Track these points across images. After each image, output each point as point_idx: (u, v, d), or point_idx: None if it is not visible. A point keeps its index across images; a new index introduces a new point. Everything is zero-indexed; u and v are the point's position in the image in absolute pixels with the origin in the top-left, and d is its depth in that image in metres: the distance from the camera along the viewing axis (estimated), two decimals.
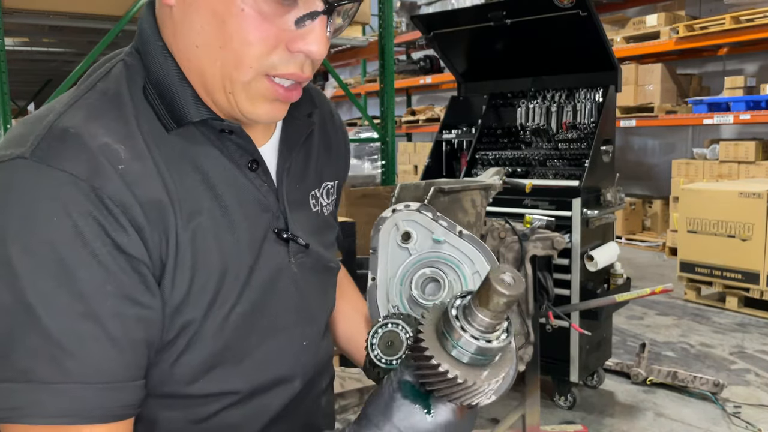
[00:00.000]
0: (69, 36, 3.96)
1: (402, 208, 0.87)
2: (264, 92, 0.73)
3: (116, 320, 0.65)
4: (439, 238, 0.85)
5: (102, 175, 0.66)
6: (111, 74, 0.75)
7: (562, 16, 2.81)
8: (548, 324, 2.64)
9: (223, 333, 0.75)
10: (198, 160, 0.75)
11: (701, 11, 6.74)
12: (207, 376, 0.75)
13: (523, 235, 2.52)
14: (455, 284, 0.83)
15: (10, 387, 0.62)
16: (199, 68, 0.73)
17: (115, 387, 0.65)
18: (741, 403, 2.99)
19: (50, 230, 0.63)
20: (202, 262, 0.72)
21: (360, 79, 10.17)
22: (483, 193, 2.52)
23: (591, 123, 3.00)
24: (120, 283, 0.65)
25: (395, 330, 0.79)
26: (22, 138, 0.67)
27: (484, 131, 3.35)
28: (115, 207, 0.65)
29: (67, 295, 0.62)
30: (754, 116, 5.46)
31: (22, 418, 0.61)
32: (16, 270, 0.62)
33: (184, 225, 0.71)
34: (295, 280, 0.84)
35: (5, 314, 0.62)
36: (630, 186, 7.33)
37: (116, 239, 0.65)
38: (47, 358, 0.62)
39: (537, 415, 2.33)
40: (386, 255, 0.86)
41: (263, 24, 0.68)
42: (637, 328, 4.17)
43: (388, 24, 3.88)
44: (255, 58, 0.70)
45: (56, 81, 6.02)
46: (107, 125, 0.69)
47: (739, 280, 4.36)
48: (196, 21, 0.70)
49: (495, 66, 3.35)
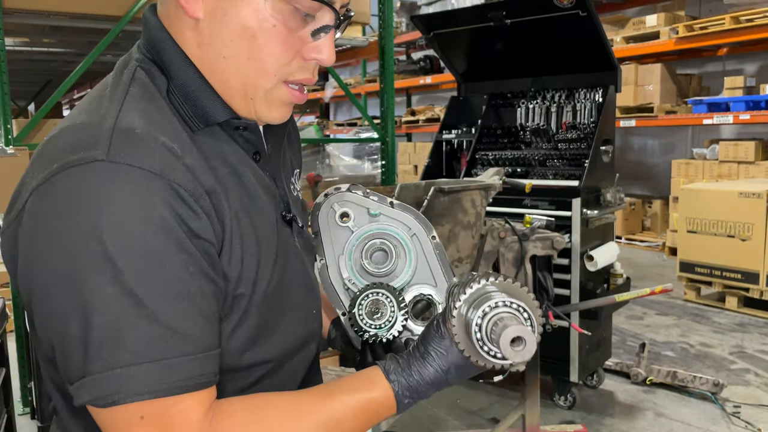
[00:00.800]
0: (69, 36, 3.97)
1: (333, 191, 0.95)
2: (282, 97, 0.83)
3: (202, 297, 0.73)
4: (375, 212, 0.93)
5: (173, 168, 0.72)
6: (137, 79, 0.81)
7: (562, 16, 2.81)
8: (548, 324, 2.64)
9: (262, 307, 0.82)
10: (224, 154, 0.82)
11: (701, 11, 6.74)
12: (252, 347, 0.83)
13: (523, 235, 2.53)
14: (398, 249, 0.92)
15: (125, 371, 0.67)
16: (224, 76, 0.80)
17: (210, 356, 0.73)
18: (741, 402, 3.00)
19: (140, 224, 0.69)
20: (246, 244, 0.80)
21: (360, 79, 10.17)
22: (483, 193, 2.52)
23: (591, 123, 3.00)
24: (198, 265, 0.73)
25: (378, 297, 0.87)
26: (87, 142, 0.72)
27: (484, 131, 3.35)
28: (189, 196, 0.73)
29: (163, 281, 0.70)
30: (753, 116, 5.47)
31: (140, 395, 0.68)
32: (117, 264, 0.68)
33: (230, 210, 0.78)
34: (300, 257, 0.92)
35: (112, 305, 0.68)
36: (630, 186, 7.33)
37: (192, 226, 0.72)
38: (156, 339, 0.68)
39: (537, 415, 2.33)
40: (329, 236, 0.94)
41: (288, 37, 0.78)
42: (636, 327, 4.18)
43: (388, 24, 3.88)
44: (279, 67, 0.80)
45: (56, 81, 6.03)
46: (159, 126, 0.76)
47: (738, 280, 4.37)
48: (226, 35, 0.78)
49: (495, 66, 3.35)
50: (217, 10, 0.77)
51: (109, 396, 0.67)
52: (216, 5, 0.77)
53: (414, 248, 0.93)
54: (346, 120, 11.55)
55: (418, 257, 0.94)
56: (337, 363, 2.50)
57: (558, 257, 2.60)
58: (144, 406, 0.68)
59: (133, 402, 0.68)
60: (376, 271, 0.91)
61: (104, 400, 0.68)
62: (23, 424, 2.97)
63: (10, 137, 2.93)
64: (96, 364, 0.68)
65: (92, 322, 0.68)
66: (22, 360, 3.10)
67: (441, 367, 0.80)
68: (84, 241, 0.68)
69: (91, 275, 0.68)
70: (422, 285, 0.93)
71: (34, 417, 2.94)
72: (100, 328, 0.68)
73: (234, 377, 0.83)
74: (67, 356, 0.70)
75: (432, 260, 0.94)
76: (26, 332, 2.71)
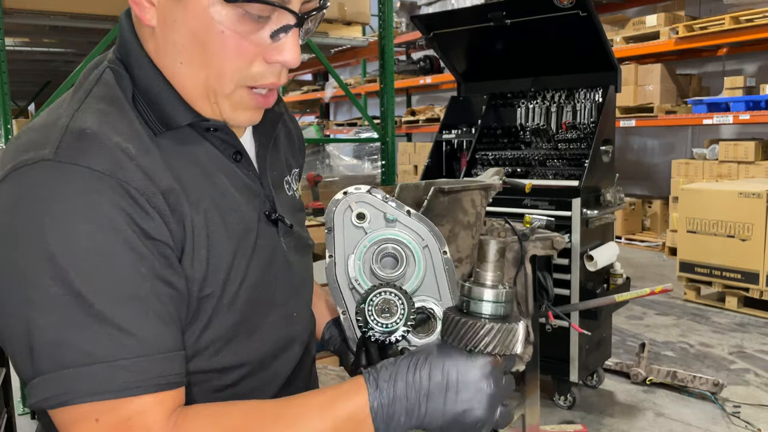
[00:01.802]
0: (69, 36, 3.96)
1: (353, 190, 0.94)
2: (245, 101, 0.81)
3: (155, 298, 0.71)
4: (391, 217, 0.93)
5: (124, 168, 0.71)
6: (103, 80, 0.81)
7: (562, 16, 2.81)
8: (548, 324, 2.65)
9: (235, 307, 0.81)
10: (193, 155, 0.81)
11: (701, 11, 6.74)
12: (225, 348, 0.82)
13: (523, 235, 2.52)
14: (408, 257, 0.92)
15: (76, 371, 0.66)
16: (184, 81, 0.80)
17: (169, 356, 0.71)
18: (740, 402, 3.00)
19: (86, 224, 0.68)
20: (215, 243, 0.79)
21: (360, 79, 10.16)
22: (483, 193, 2.52)
23: (591, 123, 3.00)
24: (151, 266, 0.71)
25: (390, 297, 0.86)
26: (38, 142, 0.71)
27: (484, 131, 3.35)
28: (141, 196, 0.71)
29: (110, 281, 0.68)
30: (753, 116, 5.47)
31: (93, 396, 0.66)
32: (60, 264, 0.66)
33: (195, 210, 0.77)
34: (285, 257, 0.92)
35: (59, 305, 0.67)
36: (630, 186, 7.33)
37: (143, 226, 0.71)
38: (106, 339, 0.67)
39: (537, 415, 2.34)
40: (342, 234, 0.93)
41: (241, 42, 0.75)
42: (636, 327, 4.18)
43: (388, 24, 3.88)
44: (235, 72, 0.78)
45: (56, 81, 6.03)
46: (115, 126, 0.75)
47: (738, 280, 4.37)
48: (179, 41, 0.76)
49: (495, 66, 3.35)
50: (167, 17, 0.76)
51: (59, 396, 0.66)
52: (167, 14, 0.76)
53: (424, 260, 0.93)
54: (346, 120, 11.55)
55: (426, 269, 0.93)
56: (338, 363, 2.50)
57: (558, 257, 2.60)
58: (98, 407, 0.67)
59: (84, 402, 0.66)
60: (384, 275, 0.91)
61: (55, 400, 0.67)
62: (23, 424, 2.97)
63: (10, 137, 2.93)
64: (44, 364, 0.67)
65: (36, 322, 0.67)
66: None
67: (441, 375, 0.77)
68: (28, 239, 0.67)
69: (34, 274, 0.67)
70: (427, 297, 0.93)
71: (34, 417, 2.94)
72: (44, 328, 0.66)
73: (208, 378, 0.81)
74: (16, 356, 0.70)
75: (440, 275, 0.93)
76: None
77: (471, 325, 0.75)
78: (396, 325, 0.86)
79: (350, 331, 0.93)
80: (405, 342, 0.91)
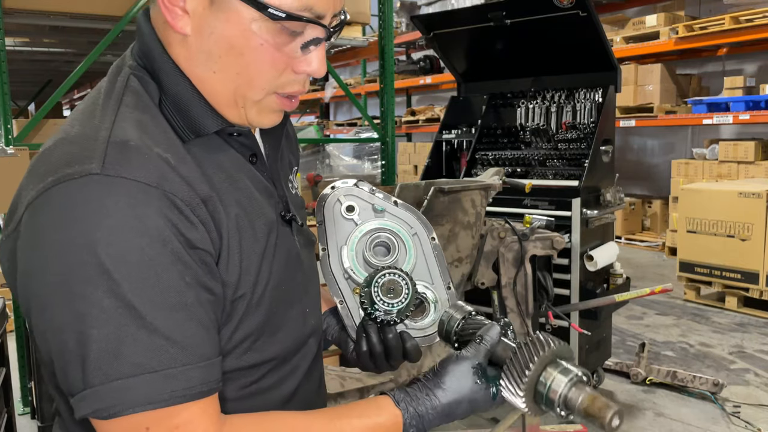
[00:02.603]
0: (69, 36, 3.97)
1: (341, 184, 0.99)
2: (273, 106, 0.84)
3: (199, 306, 0.74)
4: (380, 207, 0.97)
5: (168, 179, 0.73)
6: (130, 87, 0.81)
7: (562, 16, 2.82)
8: (548, 324, 2.65)
9: (262, 307, 0.84)
10: (219, 160, 0.83)
11: (701, 11, 6.74)
12: (253, 347, 0.84)
13: (522, 235, 2.53)
14: (399, 245, 0.97)
15: (125, 382, 0.68)
16: (214, 89, 0.82)
17: (211, 363, 0.74)
18: (740, 402, 3.00)
19: (136, 236, 0.70)
20: (245, 247, 0.81)
21: (360, 79, 10.17)
22: (483, 193, 2.53)
23: (591, 123, 3.00)
24: (195, 275, 0.74)
25: (394, 278, 0.90)
26: (81, 156, 0.72)
27: (484, 131, 3.35)
28: (186, 207, 0.73)
29: (159, 292, 0.70)
30: (753, 116, 5.47)
31: (143, 406, 0.68)
32: (114, 277, 0.68)
33: (228, 216, 0.80)
34: (299, 255, 0.94)
35: (113, 318, 0.68)
36: (630, 186, 7.34)
37: (188, 236, 0.73)
38: (155, 350, 0.69)
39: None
40: (333, 226, 0.97)
41: (276, 53, 0.78)
42: (636, 327, 4.18)
43: (388, 24, 3.88)
44: (267, 81, 0.81)
45: (56, 81, 6.03)
46: (153, 136, 0.77)
47: (738, 280, 4.37)
48: (215, 51, 0.78)
49: (495, 66, 3.36)
50: (204, 27, 0.77)
51: (110, 408, 0.68)
52: (203, 23, 0.77)
53: (414, 246, 0.97)
54: (346, 120, 11.56)
55: (417, 255, 0.97)
56: (337, 362, 2.50)
57: (558, 257, 2.60)
58: (147, 417, 0.69)
59: (134, 413, 0.68)
60: (377, 262, 0.95)
61: (106, 412, 0.68)
62: (23, 424, 2.98)
63: (10, 137, 2.93)
64: (96, 377, 0.68)
65: (90, 335, 0.68)
66: (22, 360, 3.10)
67: (454, 398, 0.82)
68: (79, 254, 0.68)
69: (88, 288, 0.68)
70: (419, 282, 0.96)
71: (34, 417, 2.94)
72: (98, 341, 0.68)
73: (236, 376, 0.84)
74: (66, 369, 0.70)
75: (430, 260, 0.98)
76: (26, 332, 2.71)
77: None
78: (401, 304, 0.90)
79: (348, 319, 0.97)
80: (402, 325, 0.95)
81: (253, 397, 0.86)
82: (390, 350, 0.94)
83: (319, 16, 0.78)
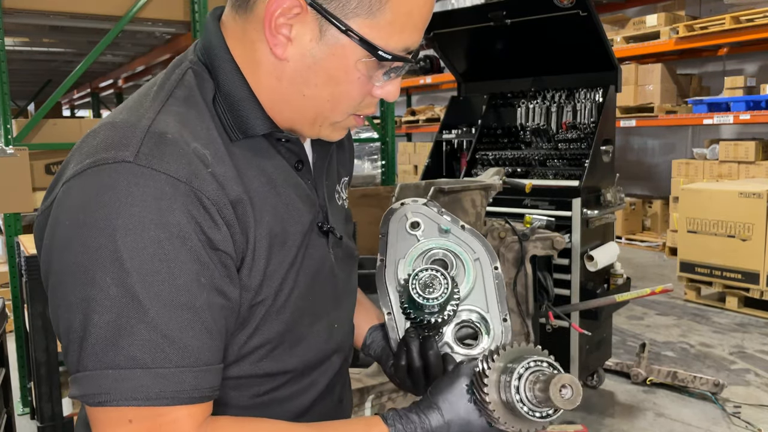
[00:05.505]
0: (69, 36, 3.97)
1: (410, 201, 1.00)
2: (347, 125, 0.88)
3: (208, 310, 0.73)
4: (446, 228, 0.98)
5: (199, 176, 0.73)
6: (185, 81, 0.82)
7: (562, 16, 2.81)
8: (548, 324, 2.65)
9: (283, 315, 0.83)
10: (262, 164, 0.83)
11: (701, 11, 6.74)
12: (270, 356, 0.83)
13: (523, 235, 2.53)
14: (459, 267, 0.95)
15: (117, 373, 0.68)
16: (301, 109, 0.84)
17: (208, 370, 0.73)
18: (741, 403, 3.00)
19: (155, 230, 0.70)
20: (275, 253, 0.81)
21: None
22: (483, 193, 2.52)
23: (591, 123, 3.00)
24: (211, 276, 0.73)
25: (434, 273, 0.88)
26: (119, 143, 0.73)
27: (484, 131, 3.35)
28: (212, 206, 0.73)
29: (169, 289, 0.70)
30: (754, 116, 5.47)
31: (129, 401, 0.68)
32: (125, 266, 0.68)
33: (259, 221, 0.79)
34: (332, 268, 0.93)
35: (115, 307, 0.68)
36: (630, 186, 7.34)
37: (210, 236, 0.73)
38: (152, 346, 0.69)
39: None
40: (395, 239, 0.98)
41: (366, 83, 0.82)
42: (637, 328, 4.18)
43: None
44: (352, 106, 0.85)
45: (56, 81, 6.03)
46: (194, 131, 0.77)
47: (738, 280, 4.37)
48: (312, 79, 0.80)
49: (495, 66, 3.35)
50: (306, 56, 0.79)
51: (98, 396, 0.68)
52: (306, 52, 0.79)
53: (474, 271, 0.95)
54: None
55: (476, 281, 0.96)
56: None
57: (558, 257, 2.60)
58: (132, 411, 0.69)
59: (120, 406, 0.68)
60: None
61: (92, 399, 0.69)
62: (23, 424, 2.98)
63: (10, 137, 2.93)
64: (90, 362, 0.69)
65: (92, 320, 0.68)
66: (22, 360, 3.10)
67: (446, 420, 0.80)
68: (99, 238, 0.69)
69: (99, 272, 0.68)
70: (474, 307, 0.95)
71: (33, 417, 2.94)
72: (98, 327, 0.68)
73: (250, 383, 0.83)
74: (68, 348, 0.71)
75: (489, 288, 0.96)
76: (26, 332, 2.71)
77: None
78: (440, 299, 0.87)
79: (393, 331, 0.95)
80: (447, 348, 0.92)
81: (266, 406, 0.85)
82: (429, 367, 0.91)
83: (410, 52, 0.83)
